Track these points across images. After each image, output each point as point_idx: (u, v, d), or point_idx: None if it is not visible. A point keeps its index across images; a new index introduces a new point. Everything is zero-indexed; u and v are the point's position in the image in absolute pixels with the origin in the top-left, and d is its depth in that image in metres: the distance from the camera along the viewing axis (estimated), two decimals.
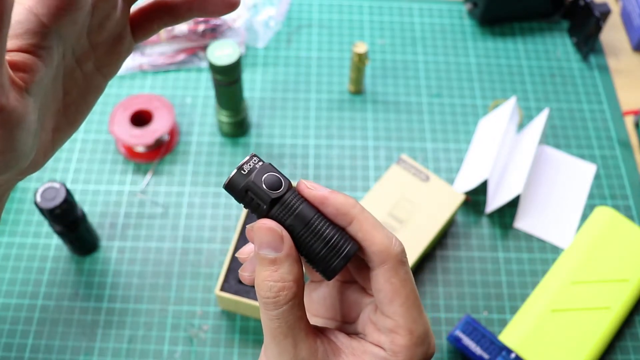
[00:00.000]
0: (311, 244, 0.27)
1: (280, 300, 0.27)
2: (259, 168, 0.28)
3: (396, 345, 0.28)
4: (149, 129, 0.66)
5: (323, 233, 0.27)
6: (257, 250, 0.28)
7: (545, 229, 0.66)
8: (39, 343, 0.57)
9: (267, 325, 0.28)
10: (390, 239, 0.28)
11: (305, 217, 0.27)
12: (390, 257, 0.28)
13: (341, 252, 0.27)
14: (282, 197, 0.27)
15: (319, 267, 0.28)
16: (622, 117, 0.75)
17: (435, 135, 0.72)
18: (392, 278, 0.28)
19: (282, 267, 0.27)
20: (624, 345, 0.59)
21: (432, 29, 0.82)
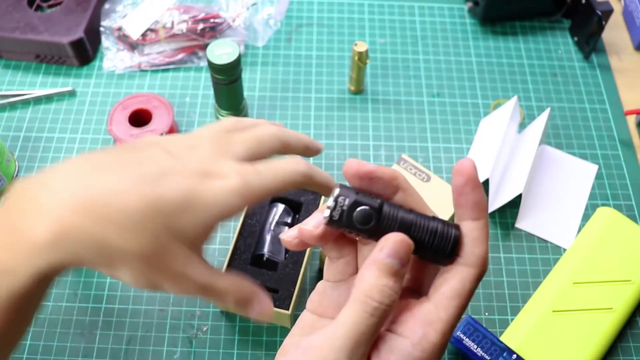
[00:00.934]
0: (422, 239, 0.29)
1: (388, 310, 0.28)
2: (347, 209, 0.29)
3: (427, 339, 0.29)
4: (147, 129, 0.66)
5: (428, 227, 0.29)
6: (384, 257, 0.29)
7: (547, 229, 0.65)
8: (37, 344, 0.57)
9: (356, 328, 0.28)
10: (487, 252, 0.30)
11: (408, 220, 0.29)
12: (480, 266, 0.30)
13: (450, 237, 0.29)
14: (380, 218, 0.29)
15: (434, 257, 0.30)
16: (624, 117, 0.74)
17: (436, 134, 0.72)
18: (468, 282, 0.29)
19: (400, 281, 0.29)
20: (626, 346, 0.59)
21: (433, 28, 0.82)
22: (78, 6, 0.75)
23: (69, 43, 0.72)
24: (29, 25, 0.73)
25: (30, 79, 0.75)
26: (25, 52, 0.75)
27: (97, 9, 0.76)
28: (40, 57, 0.75)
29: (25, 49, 0.74)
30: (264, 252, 0.58)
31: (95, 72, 0.75)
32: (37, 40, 0.72)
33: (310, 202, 0.61)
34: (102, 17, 0.77)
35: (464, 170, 0.29)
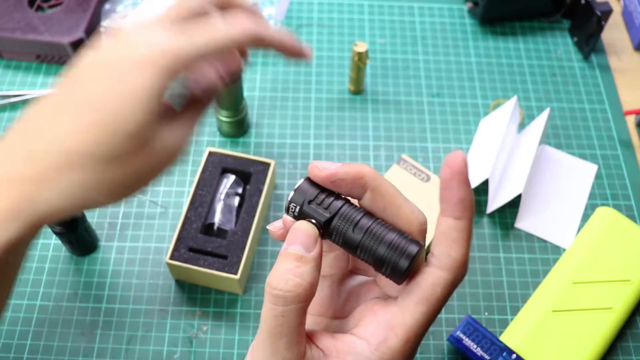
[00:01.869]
0: (374, 248, 0.28)
1: (289, 297, 0.26)
2: (297, 217, 0.29)
3: (386, 345, 0.27)
4: None
5: (384, 237, 0.27)
6: (285, 246, 0.28)
7: (546, 229, 0.65)
8: (37, 344, 0.57)
9: (268, 321, 0.27)
10: (466, 257, 0.28)
11: (364, 225, 0.28)
12: (455, 271, 0.28)
13: (404, 252, 0.27)
14: (336, 214, 0.28)
15: (386, 269, 0.28)
16: (623, 117, 0.74)
17: (436, 135, 0.72)
18: (439, 287, 0.27)
19: (305, 267, 0.27)
20: (626, 346, 0.59)
21: (433, 28, 0.82)
22: (78, 6, 0.75)
23: (69, 43, 0.72)
24: (30, 25, 0.73)
25: (31, 79, 0.75)
26: (26, 52, 0.75)
27: (98, 9, 0.77)
28: (41, 57, 0.75)
29: (26, 49, 0.74)
30: (215, 221, 0.60)
31: None
32: (37, 41, 0.73)
33: (260, 172, 0.62)
34: (103, 17, 0.77)
35: (453, 163, 0.27)
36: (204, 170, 0.63)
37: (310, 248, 0.27)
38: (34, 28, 0.73)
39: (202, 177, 0.62)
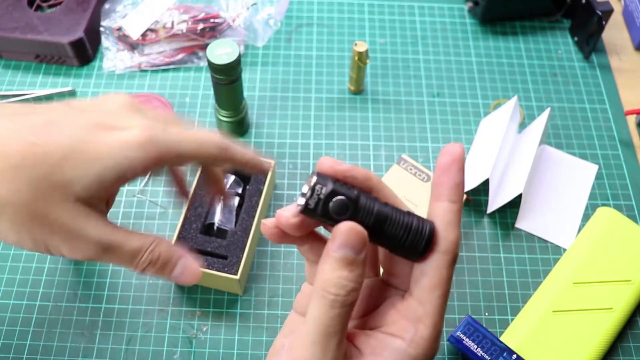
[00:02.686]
0: (396, 234, 0.29)
1: (347, 300, 0.28)
2: (323, 198, 0.28)
3: (419, 336, 0.29)
4: None
5: (403, 222, 0.29)
6: (336, 249, 0.28)
7: (547, 229, 0.65)
8: (37, 344, 0.57)
9: (322, 322, 0.28)
10: (456, 234, 0.29)
11: (383, 213, 0.29)
12: (452, 251, 0.29)
13: (423, 234, 0.29)
14: (356, 209, 0.28)
15: (407, 253, 0.29)
16: (624, 117, 0.74)
17: (436, 134, 0.72)
18: (444, 269, 0.29)
19: (357, 270, 0.28)
20: (627, 346, 0.59)
21: (433, 28, 0.82)
22: (78, 6, 0.75)
23: (68, 43, 0.72)
24: (29, 25, 0.73)
25: (30, 79, 0.75)
26: (25, 52, 0.75)
27: (97, 9, 0.76)
28: (40, 57, 0.75)
29: (25, 49, 0.74)
30: (214, 221, 0.60)
31: (95, 72, 0.75)
32: (37, 40, 0.72)
33: None
34: (102, 17, 0.77)
35: (452, 151, 0.30)
36: (203, 170, 0.62)
37: (361, 250, 0.28)
38: (33, 28, 0.73)
39: (202, 177, 0.62)
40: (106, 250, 0.31)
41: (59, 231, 0.30)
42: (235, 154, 0.37)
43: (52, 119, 0.30)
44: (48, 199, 0.29)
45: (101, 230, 0.31)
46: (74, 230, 0.30)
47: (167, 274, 0.33)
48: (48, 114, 0.31)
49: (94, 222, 0.31)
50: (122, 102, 0.34)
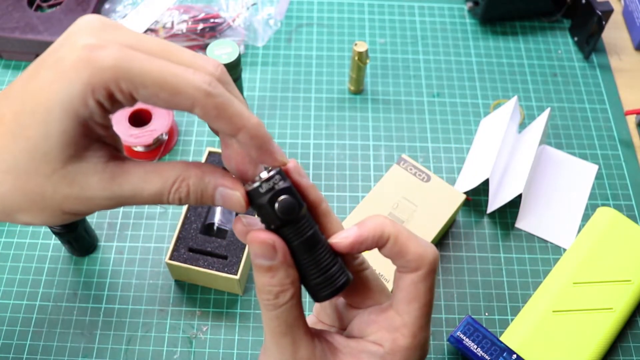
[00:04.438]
0: (310, 269, 0.28)
1: (279, 302, 0.28)
2: (276, 190, 0.28)
3: (397, 344, 0.29)
4: (147, 129, 0.66)
5: (323, 263, 0.28)
6: (252, 259, 0.29)
7: (547, 229, 0.65)
8: (37, 344, 0.57)
9: (267, 325, 0.29)
10: (424, 248, 0.30)
11: (310, 245, 0.28)
12: (424, 264, 0.29)
13: (334, 284, 0.29)
14: (293, 221, 0.28)
15: (310, 290, 0.29)
16: (624, 117, 0.74)
17: (436, 134, 0.72)
18: (420, 283, 0.29)
19: (278, 273, 0.28)
20: (627, 346, 0.59)
21: (433, 28, 0.82)
22: (78, 6, 0.75)
23: None
24: (29, 25, 0.73)
25: None
26: (25, 52, 0.75)
27: (97, 9, 0.76)
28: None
29: (25, 49, 0.74)
30: (214, 222, 0.60)
31: None
32: (37, 40, 0.72)
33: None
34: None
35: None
36: None
37: (272, 256, 0.28)
38: (33, 28, 0.73)
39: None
40: (124, 202, 0.27)
41: (65, 202, 0.27)
42: (228, 113, 0.26)
43: (11, 86, 0.27)
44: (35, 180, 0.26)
45: (106, 186, 0.27)
46: (79, 197, 0.27)
47: (207, 204, 0.29)
48: (12, 82, 0.27)
49: (94, 178, 0.26)
50: (82, 25, 0.26)
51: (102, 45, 0.25)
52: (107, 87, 0.24)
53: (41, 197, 0.27)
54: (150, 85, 0.25)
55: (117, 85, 0.25)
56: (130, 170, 0.27)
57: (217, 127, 0.26)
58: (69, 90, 0.24)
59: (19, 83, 0.26)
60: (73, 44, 0.25)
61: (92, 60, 0.24)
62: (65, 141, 0.25)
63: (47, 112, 0.25)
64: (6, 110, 0.26)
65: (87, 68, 0.24)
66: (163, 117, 0.67)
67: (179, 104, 0.25)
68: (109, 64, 0.24)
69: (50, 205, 0.27)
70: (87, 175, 0.26)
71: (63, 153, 0.25)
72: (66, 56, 0.25)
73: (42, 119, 0.25)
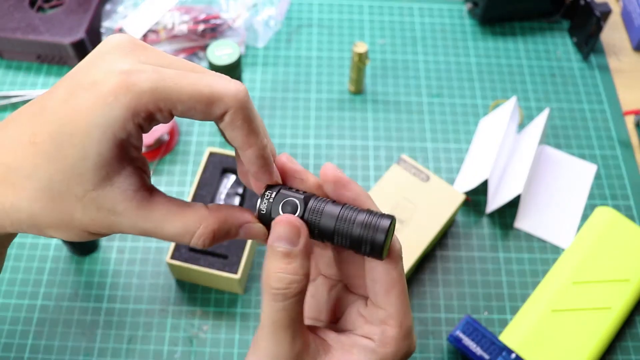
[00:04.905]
0: (350, 231, 0.28)
1: (289, 293, 0.28)
2: (273, 202, 0.29)
3: (386, 336, 0.29)
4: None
5: (356, 218, 0.28)
6: (271, 242, 0.28)
7: (545, 229, 0.66)
8: (38, 343, 0.57)
9: (269, 316, 0.28)
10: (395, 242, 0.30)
11: (333, 212, 0.28)
12: (393, 251, 0.29)
13: (378, 227, 0.28)
14: (306, 209, 0.28)
15: (365, 248, 0.28)
16: (622, 117, 0.75)
17: (436, 135, 0.72)
18: (392, 271, 0.29)
19: (295, 261, 0.28)
20: (625, 345, 0.59)
21: (432, 29, 0.82)
22: (79, 7, 0.76)
23: (70, 44, 0.73)
24: (30, 25, 0.74)
25: (31, 79, 0.75)
26: (27, 53, 0.75)
27: (98, 9, 0.77)
28: (42, 57, 0.75)
29: (27, 50, 0.74)
30: None
31: None
32: (38, 41, 0.73)
33: None
34: (103, 18, 0.77)
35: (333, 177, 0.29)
36: (204, 170, 0.63)
37: (295, 241, 0.28)
38: (34, 28, 0.73)
39: (203, 177, 0.62)
40: (145, 234, 0.28)
41: (91, 224, 0.27)
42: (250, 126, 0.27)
43: (44, 106, 0.27)
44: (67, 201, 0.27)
45: (131, 216, 0.27)
46: (104, 221, 0.27)
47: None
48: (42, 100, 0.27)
49: (121, 206, 0.27)
50: (113, 45, 0.27)
51: (139, 69, 0.25)
52: (147, 110, 0.25)
53: (70, 218, 0.27)
54: (187, 99, 0.26)
55: (156, 107, 0.26)
56: (154, 206, 0.28)
57: (233, 137, 0.27)
58: (109, 115, 0.25)
59: (53, 103, 0.27)
60: (109, 68, 0.26)
61: (130, 85, 0.25)
62: (100, 163, 0.26)
63: (85, 135, 0.25)
64: (40, 130, 0.26)
65: (126, 93, 0.25)
66: None
67: (212, 113, 0.26)
68: (147, 87, 0.25)
69: (78, 226, 0.28)
70: (115, 202, 0.27)
71: (97, 175, 0.26)
72: (104, 80, 0.25)
73: (80, 142, 0.25)
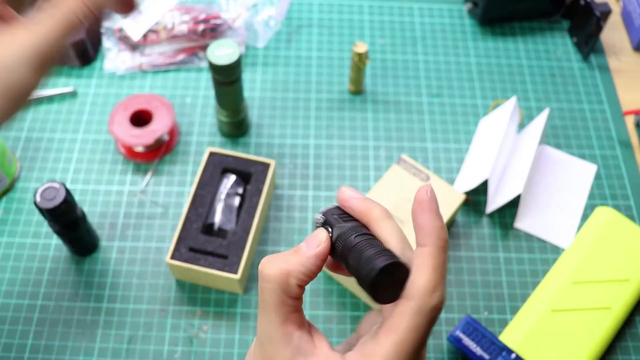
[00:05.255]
0: (355, 263, 0.28)
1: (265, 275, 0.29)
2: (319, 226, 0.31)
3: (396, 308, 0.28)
4: (148, 129, 0.66)
5: (363, 253, 0.28)
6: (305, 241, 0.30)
7: (545, 229, 0.66)
8: (38, 343, 0.57)
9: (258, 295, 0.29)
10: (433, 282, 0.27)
11: (350, 243, 0.29)
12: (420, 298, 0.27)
13: (372, 266, 0.26)
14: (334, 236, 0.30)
15: (361, 284, 0.28)
16: (622, 117, 0.75)
17: (436, 135, 0.72)
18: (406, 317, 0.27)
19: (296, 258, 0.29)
20: (625, 345, 0.59)
21: (432, 29, 0.82)
22: None
23: (70, 44, 0.73)
24: None
25: None
26: None
27: None
28: None
29: None
30: (215, 221, 0.60)
31: (97, 73, 0.76)
32: None
33: (260, 173, 0.63)
34: (103, 18, 0.77)
35: (418, 196, 0.28)
36: (204, 170, 0.63)
37: (312, 247, 0.29)
38: None
39: (203, 177, 0.62)
40: None
41: None
42: None
43: None
44: None
45: None
46: None
47: None
48: None
49: None
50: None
51: None
52: None
53: None
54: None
55: None
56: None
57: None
58: None
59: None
60: None
61: None
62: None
63: None
64: None
65: None
66: (164, 117, 0.67)
67: None
68: None
69: None
70: None
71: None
72: None
73: None
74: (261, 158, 0.64)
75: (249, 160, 0.63)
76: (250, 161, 0.63)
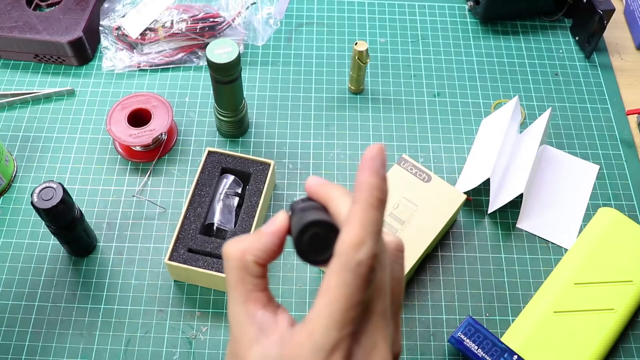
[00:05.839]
0: (292, 228, 0.29)
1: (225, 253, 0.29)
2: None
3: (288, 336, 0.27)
4: (147, 129, 0.65)
5: (299, 216, 0.29)
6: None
7: (548, 229, 0.65)
8: (35, 345, 0.56)
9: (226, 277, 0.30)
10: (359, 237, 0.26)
11: (294, 215, 0.30)
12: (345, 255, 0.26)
13: (300, 223, 0.28)
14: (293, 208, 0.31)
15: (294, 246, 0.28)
16: (625, 117, 0.74)
17: (437, 134, 0.71)
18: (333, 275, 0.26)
19: (254, 237, 0.30)
20: (628, 347, 0.58)
21: (434, 27, 0.82)
22: (77, 5, 0.75)
23: (67, 42, 0.72)
24: (28, 24, 0.73)
25: (29, 78, 0.74)
26: (24, 52, 0.74)
27: (96, 8, 0.76)
28: (39, 56, 0.75)
29: (24, 49, 0.74)
30: (214, 222, 0.60)
31: (94, 71, 0.75)
32: (35, 40, 0.72)
33: (259, 172, 0.62)
34: (101, 16, 0.77)
35: (363, 155, 0.27)
36: (203, 170, 0.62)
37: (269, 226, 0.30)
38: (32, 27, 0.73)
39: (201, 177, 0.62)
40: None
41: None
42: None
43: None
44: None
45: None
46: None
47: None
48: None
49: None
50: None
51: None
52: None
53: None
54: None
55: None
56: None
57: None
58: None
59: None
60: None
61: None
62: None
63: None
64: None
65: None
66: (162, 117, 0.66)
67: None
68: None
69: None
70: None
71: None
72: None
73: None
74: (261, 158, 0.63)
75: (249, 160, 0.63)
76: (249, 161, 0.63)
